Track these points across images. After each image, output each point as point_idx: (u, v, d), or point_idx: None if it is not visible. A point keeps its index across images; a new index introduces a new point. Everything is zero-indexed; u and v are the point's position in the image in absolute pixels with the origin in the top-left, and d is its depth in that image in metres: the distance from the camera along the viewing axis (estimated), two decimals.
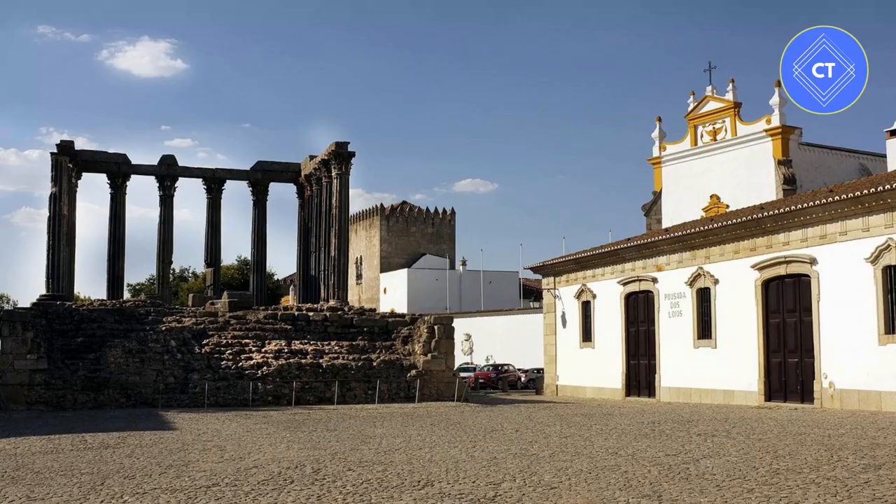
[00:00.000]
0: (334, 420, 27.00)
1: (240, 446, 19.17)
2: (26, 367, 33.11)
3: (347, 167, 47.98)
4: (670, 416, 27.87)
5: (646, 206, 61.00)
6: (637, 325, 40.96)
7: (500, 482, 13.50)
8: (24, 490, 13.18)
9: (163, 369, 35.37)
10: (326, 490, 12.92)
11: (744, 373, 34.17)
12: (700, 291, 36.96)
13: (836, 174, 50.62)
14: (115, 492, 12.92)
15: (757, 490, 12.50)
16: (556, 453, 17.29)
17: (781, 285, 33.31)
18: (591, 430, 22.62)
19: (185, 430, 23.36)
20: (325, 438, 20.96)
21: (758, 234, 34.01)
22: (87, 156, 52.68)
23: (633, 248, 41.29)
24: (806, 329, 31.97)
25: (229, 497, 12.37)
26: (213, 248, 55.53)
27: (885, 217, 28.93)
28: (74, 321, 38.42)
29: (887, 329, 28.82)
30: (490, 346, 66.12)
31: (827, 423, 23.77)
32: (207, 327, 39.41)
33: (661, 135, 59.57)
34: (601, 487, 12.89)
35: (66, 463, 16.35)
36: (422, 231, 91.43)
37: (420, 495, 12.36)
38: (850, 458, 16.07)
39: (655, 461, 15.84)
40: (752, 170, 52.55)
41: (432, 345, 38.90)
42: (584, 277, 44.39)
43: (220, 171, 56.16)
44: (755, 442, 19.09)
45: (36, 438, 21.33)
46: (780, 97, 51.80)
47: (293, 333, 40.30)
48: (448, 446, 18.89)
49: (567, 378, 45.25)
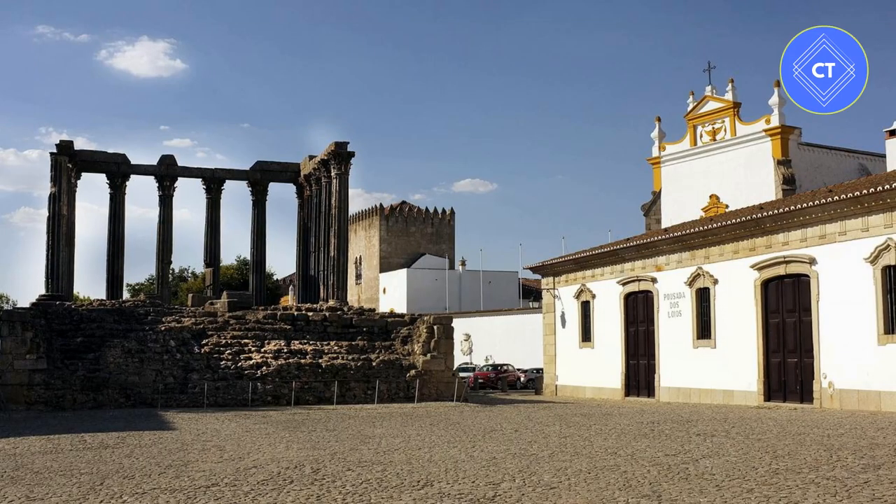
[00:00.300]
0: (334, 420, 27.00)
1: (239, 446, 19.16)
2: (26, 367, 33.09)
3: (347, 167, 47.97)
4: (670, 416, 27.87)
5: (645, 206, 61.01)
6: (636, 326, 40.97)
7: (499, 482, 13.50)
8: (23, 490, 13.18)
9: (162, 369, 35.36)
10: (326, 490, 12.92)
11: (743, 373, 34.17)
12: (699, 291, 36.96)
13: (836, 174, 50.66)
14: (115, 492, 12.91)
15: (756, 490, 12.50)
16: (555, 453, 17.29)
17: (781, 285, 33.31)
18: (591, 430, 22.62)
19: (184, 430, 23.35)
20: (324, 438, 20.95)
21: (757, 234, 34.01)
22: (86, 156, 52.67)
23: (633, 248, 41.29)
24: (805, 329, 31.97)
25: (228, 497, 12.36)
26: (212, 248, 55.53)
27: (885, 217, 28.93)
28: (74, 321, 38.42)
29: (886, 329, 28.83)
30: (489, 346, 66.12)
31: (826, 423, 23.77)
32: (207, 327, 39.40)
33: (661, 135, 59.59)
34: (600, 487, 12.89)
35: (66, 463, 16.35)
36: (421, 231, 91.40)
37: (419, 495, 12.36)
38: (850, 458, 16.07)
39: (655, 461, 15.84)
40: (751, 170, 52.57)
41: (432, 345, 38.89)
42: (584, 277, 44.39)
43: (219, 171, 56.15)
44: (754, 442, 19.08)
45: (35, 438, 21.32)
46: (779, 97, 51.83)
47: (292, 333, 40.30)
48: (447, 446, 18.88)
49: (566, 378, 45.25)
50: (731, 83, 55.44)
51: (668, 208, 57.18)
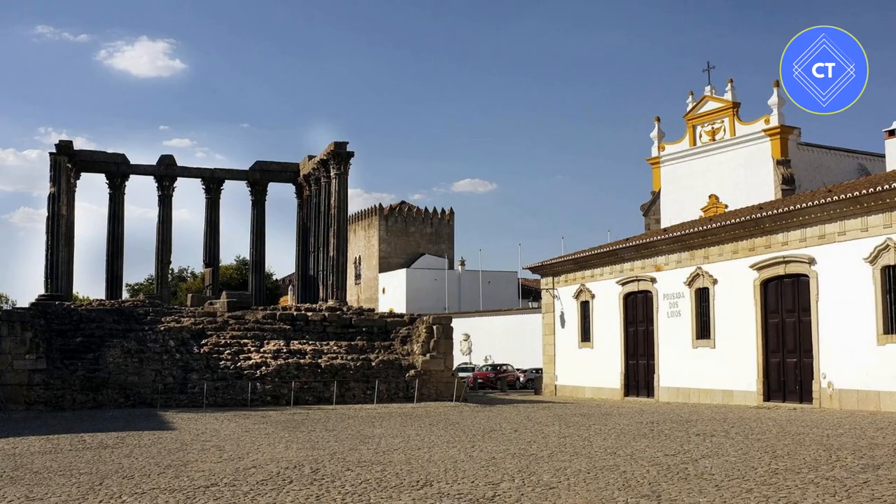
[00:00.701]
0: (333, 420, 26.99)
1: (238, 446, 19.16)
2: (25, 367, 33.08)
3: (346, 167, 47.96)
4: (669, 416, 27.87)
5: (644, 206, 61.02)
6: (636, 325, 40.96)
7: (498, 482, 13.50)
8: (22, 490, 13.18)
9: (161, 369, 35.36)
10: (325, 490, 12.92)
11: (742, 373, 34.17)
12: (699, 291, 36.96)
13: (835, 174, 50.67)
14: (114, 492, 12.91)
15: (756, 490, 12.50)
16: (554, 453, 17.29)
17: (780, 285, 33.31)
18: (590, 430, 22.62)
19: (183, 430, 23.35)
20: (323, 438, 20.95)
21: (756, 234, 34.01)
22: (85, 156, 52.66)
23: (632, 248, 41.29)
24: (805, 329, 31.97)
25: (228, 497, 12.36)
26: (211, 248, 55.52)
27: (884, 217, 28.93)
28: (73, 321, 38.41)
29: (886, 329, 28.83)
30: (489, 346, 66.12)
31: (825, 423, 23.77)
32: (206, 327, 39.39)
33: (660, 135, 59.60)
34: (600, 487, 12.89)
35: (65, 463, 16.34)
36: (420, 231, 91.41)
37: (419, 495, 12.36)
38: (849, 458, 16.07)
39: (654, 461, 15.84)
40: (750, 170, 52.59)
41: (431, 345, 38.89)
42: (583, 277, 44.39)
43: (218, 171, 56.14)
44: (754, 442, 19.09)
45: (35, 438, 21.31)
46: (778, 97, 51.86)
47: (292, 333, 40.30)
48: (447, 446, 18.88)
49: (566, 378, 45.25)
50: (730, 83, 55.48)
51: (668, 208, 57.19)
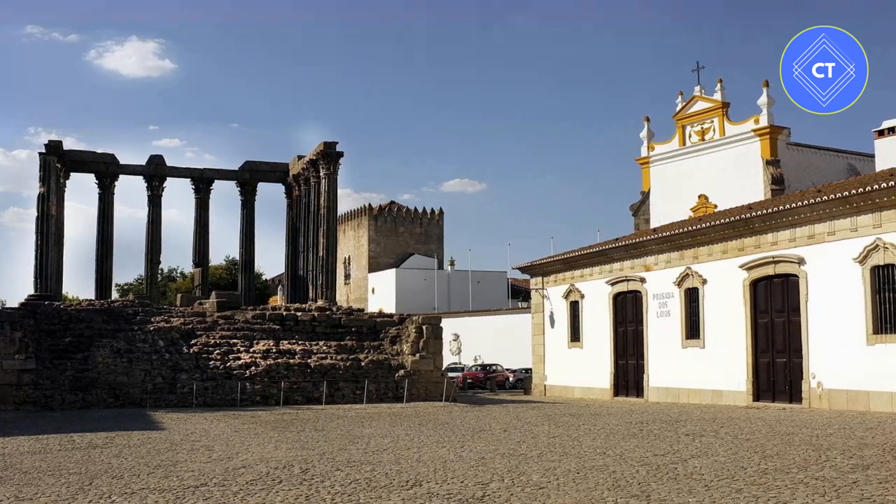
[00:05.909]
0: (322, 420, 26.96)
1: (228, 446, 19.12)
2: (14, 367, 32.94)
3: (336, 167, 47.95)
4: (658, 416, 27.92)
5: (634, 207, 61.13)
6: (625, 325, 41.02)
7: (488, 482, 13.50)
8: (12, 490, 13.13)
9: (151, 369, 35.27)
10: (315, 490, 12.90)
11: (732, 373, 34.23)
12: (688, 291, 37.03)
13: (825, 174, 50.80)
14: (104, 492, 12.87)
15: (745, 490, 12.53)
16: (544, 453, 17.30)
17: (770, 285, 33.40)
18: (580, 430, 22.64)
19: (173, 430, 23.29)
20: (313, 438, 20.92)
21: (746, 234, 34.08)
22: (75, 156, 52.52)
23: (622, 248, 41.34)
24: (794, 329, 32.05)
25: (217, 497, 12.34)
26: (201, 248, 55.43)
27: (874, 217, 29.01)
28: (62, 321, 38.29)
29: (875, 329, 28.92)
30: (478, 346, 66.11)
31: (815, 424, 23.84)
32: (196, 327, 39.31)
33: (650, 135, 59.71)
34: (589, 487, 12.90)
35: (55, 463, 16.29)
36: (410, 231, 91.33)
37: (408, 495, 12.35)
38: (839, 458, 16.12)
39: (644, 461, 15.86)
40: (740, 170, 52.71)
41: (420, 345, 38.88)
42: (573, 277, 44.43)
43: (208, 171, 56.05)
44: (743, 442, 19.13)
45: (24, 438, 21.23)
46: (768, 97, 52.02)
47: (281, 333, 40.25)
48: (436, 446, 18.88)
49: (555, 378, 45.28)
50: (719, 83, 55.62)
51: (657, 208, 57.27)
